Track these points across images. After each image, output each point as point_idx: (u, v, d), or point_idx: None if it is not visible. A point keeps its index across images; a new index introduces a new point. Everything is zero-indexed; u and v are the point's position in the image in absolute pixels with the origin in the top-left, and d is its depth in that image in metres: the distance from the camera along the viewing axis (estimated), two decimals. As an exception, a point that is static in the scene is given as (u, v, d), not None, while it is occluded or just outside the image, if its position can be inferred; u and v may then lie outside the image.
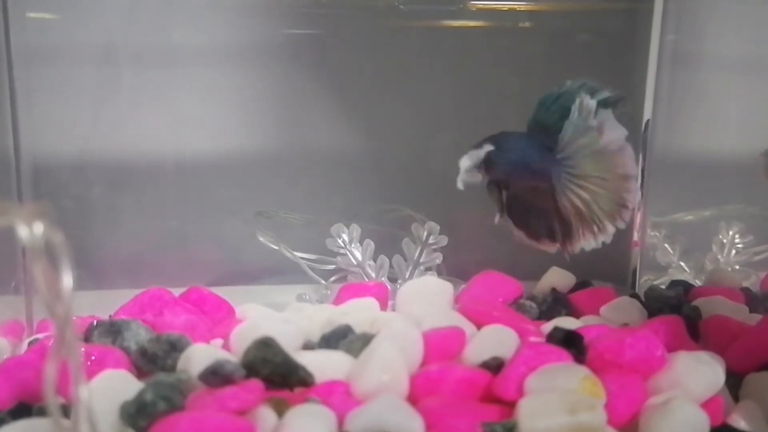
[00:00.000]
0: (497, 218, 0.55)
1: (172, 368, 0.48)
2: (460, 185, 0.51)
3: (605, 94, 0.50)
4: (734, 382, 0.51)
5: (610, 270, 0.77)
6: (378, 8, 0.76)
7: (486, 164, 0.51)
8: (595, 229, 0.50)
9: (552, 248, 0.52)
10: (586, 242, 0.50)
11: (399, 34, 0.75)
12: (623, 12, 0.79)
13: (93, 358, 0.48)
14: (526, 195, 0.53)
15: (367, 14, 0.76)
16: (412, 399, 0.46)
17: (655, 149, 0.76)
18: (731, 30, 0.79)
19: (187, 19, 0.73)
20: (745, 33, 0.79)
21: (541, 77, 0.79)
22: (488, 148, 0.51)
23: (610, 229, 0.50)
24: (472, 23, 0.77)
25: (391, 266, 0.71)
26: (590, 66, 0.80)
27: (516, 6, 0.77)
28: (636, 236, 0.74)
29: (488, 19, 0.77)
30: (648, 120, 0.75)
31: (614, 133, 0.49)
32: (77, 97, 0.72)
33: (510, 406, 0.45)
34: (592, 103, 0.48)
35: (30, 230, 0.33)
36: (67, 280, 0.34)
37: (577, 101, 0.49)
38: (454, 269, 0.72)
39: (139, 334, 0.50)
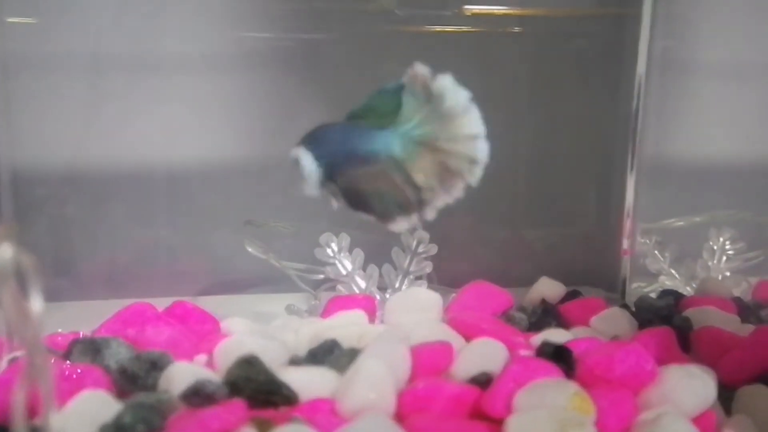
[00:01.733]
0: (334, 204, 0.54)
1: (153, 387, 0.47)
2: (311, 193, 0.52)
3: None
4: (726, 395, 0.50)
5: (600, 277, 0.77)
6: (372, 13, 0.75)
7: (316, 164, 0.51)
8: (449, 187, 0.50)
9: (405, 225, 0.52)
10: (441, 201, 0.50)
11: (393, 39, 0.75)
12: (613, 18, 0.79)
13: (73, 376, 0.47)
14: (362, 181, 0.51)
15: (360, 19, 0.75)
16: (399, 417, 0.45)
17: (645, 155, 0.76)
18: (721, 36, 0.79)
19: (174, 26, 0.72)
20: (734, 39, 0.79)
21: (531, 82, 0.79)
22: (303, 153, 0.51)
23: (461, 184, 0.50)
24: (465, 28, 0.76)
25: (380, 275, 0.70)
26: (580, 71, 0.79)
27: (509, 11, 0.77)
28: (626, 244, 0.73)
29: (482, 24, 0.76)
30: (637, 125, 0.74)
31: (456, 96, 0.49)
32: (60, 106, 0.71)
33: (499, 423, 0.44)
34: (425, 69, 0.49)
35: (-2, 253, 0.32)
36: (37, 303, 0.33)
37: (409, 71, 0.49)
38: (444, 278, 0.71)
39: (119, 353, 0.49)
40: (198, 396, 0.43)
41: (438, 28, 0.76)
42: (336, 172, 0.51)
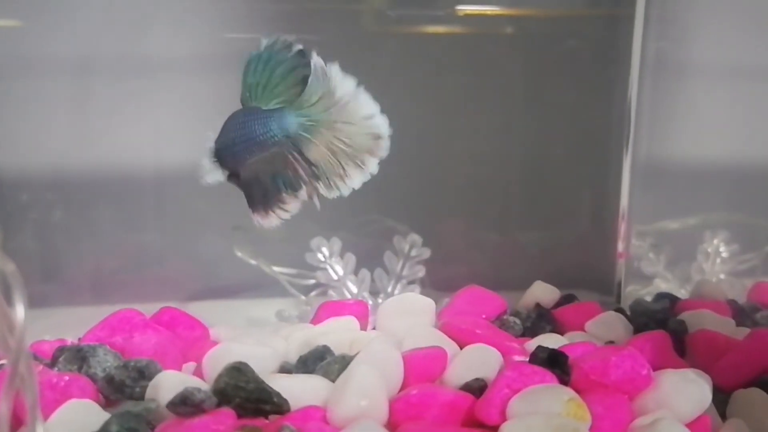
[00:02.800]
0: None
1: (141, 396, 0.46)
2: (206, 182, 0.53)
3: (298, 46, 0.52)
4: (721, 399, 0.50)
5: (594, 280, 0.76)
6: (364, 14, 0.74)
7: (216, 156, 0.52)
8: (359, 164, 0.52)
9: (296, 206, 0.52)
10: (354, 180, 0.52)
11: (384, 40, 0.74)
12: (606, 19, 0.79)
13: (59, 385, 0.46)
14: (260, 171, 0.52)
15: (351, 20, 0.74)
16: (392, 424, 0.44)
17: (639, 156, 0.76)
18: (714, 37, 0.79)
19: (161, 28, 0.71)
20: (727, 40, 0.79)
21: (524, 84, 0.79)
22: (210, 136, 0.52)
23: (372, 160, 0.52)
24: (458, 29, 0.76)
25: (372, 280, 0.69)
26: (573, 72, 0.79)
27: (502, 12, 0.77)
28: (620, 247, 0.73)
29: (474, 25, 0.76)
30: (631, 127, 0.74)
31: (345, 85, 0.52)
32: (46, 109, 0.70)
33: (493, 430, 0.44)
34: (321, 61, 0.51)
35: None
36: (20, 311, 0.33)
37: (312, 64, 0.51)
38: (437, 282, 0.71)
39: (106, 361, 0.48)
40: (186, 405, 0.42)
41: (430, 29, 0.75)
42: (238, 162, 0.52)
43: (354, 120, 0.51)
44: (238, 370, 0.44)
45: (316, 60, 0.51)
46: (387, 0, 0.74)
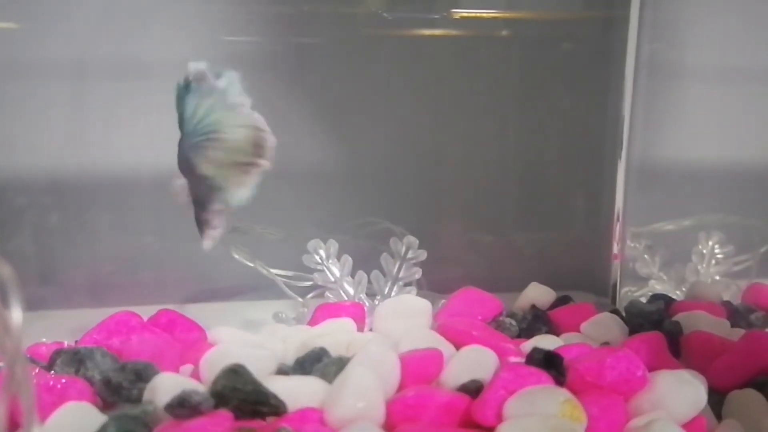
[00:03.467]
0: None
1: (138, 399, 0.46)
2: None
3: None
4: (717, 399, 0.50)
5: (590, 281, 0.76)
6: (360, 16, 0.74)
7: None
8: (252, 169, 0.54)
9: (218, 224, 0.56)
10: (251, 181, 0.55)
11: (381, 43, 0.74)
12: (600, 21, 0.79)
13: (57, 388, 0.46)
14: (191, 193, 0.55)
15: (349, 23, 0.74)
16: (389, 426, 0.45)
17: (634, 158, 0.76)
18: (708, 40, 0.80)
19: (159, 31, 0.71)
20: (721, 43, 0.79)
21: (519, 86, 0.79)
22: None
23: (264, 163, 0.54)
24: (454, 32, 0.76)
25: (369, 282, 0.69)
26: (568, 75, 0.79)
27: (498, 15, 0.77)
28: (616, 249, 0.73)
29: (470, 28, 0.76)
30: (626, 129, 0.74)
31: (238, 95, 0.54)
32: (43, 112, 0.70)
33: (489, 431, 0.44)
34: (200, 66, 0.53)
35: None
36: (17, 314, 0.33)
37: (189, 71, 0.53)
38: (434, 283, 0.71)
39: (103, 363, 0.48)
40: (183, 407, 0.42)
41: (426, 32, 0.76)
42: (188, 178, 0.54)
43: (241, 125, 0.52)
44: (235, 372, 0.45)
45: (198, 70, 0.52)
46: (384, 3, 0.75)
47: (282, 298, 0.70)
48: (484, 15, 0.77)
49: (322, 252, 0.68)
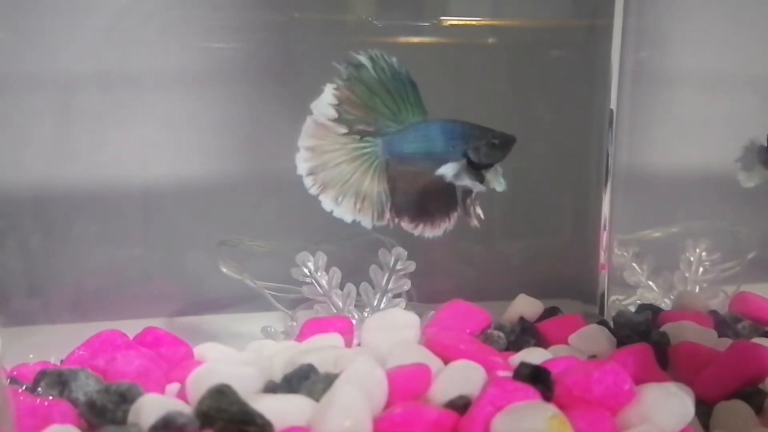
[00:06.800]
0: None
1: (123, 421, 0.45)
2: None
3: None
4: (704, 410, 0.50)
5: (578, 290, 0.77)
6: (350, 24, 0.74)
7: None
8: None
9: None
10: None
11: (371, 50, 0.74)
12: (585, 29, 0.79)
13: (40, 410, 0.45)
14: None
15: (338, 30, 0.74)
16: (376, 444, 0.44)
17: (620, 166, 0.76)
18: (692, 46, 0.80)
19: (145, 42, 0.71)
20: (706, 49, 0.80)
21: (506, 93, 0.79)
22: None
23: None
24: (443, 39, 0.76)
25: (358, 294, 0.69)
26: (555, 82, 0.79)
27: (486, 22, 0.77)
28: (602, 258, 0.73)
29: (459, 35, 0.76)
30: (612, 136, 0.75)
31: None
32: (29, 124, 0.70)
33: (477, 448, 0.44)
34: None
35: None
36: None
37: None
38: (423, 294, 0.71)
39: (87, 385, 0.48)
40: (168, 429, 0.41)
41: (416, 39, 0.76)
42: None
43: None
44: (221, 392, 0.44)
45: None
46: (374, 10, 0.75)
47: (270, 311, 0.69)
48: (473, 23, 0.77)
49: (310, 264, 0.68)
